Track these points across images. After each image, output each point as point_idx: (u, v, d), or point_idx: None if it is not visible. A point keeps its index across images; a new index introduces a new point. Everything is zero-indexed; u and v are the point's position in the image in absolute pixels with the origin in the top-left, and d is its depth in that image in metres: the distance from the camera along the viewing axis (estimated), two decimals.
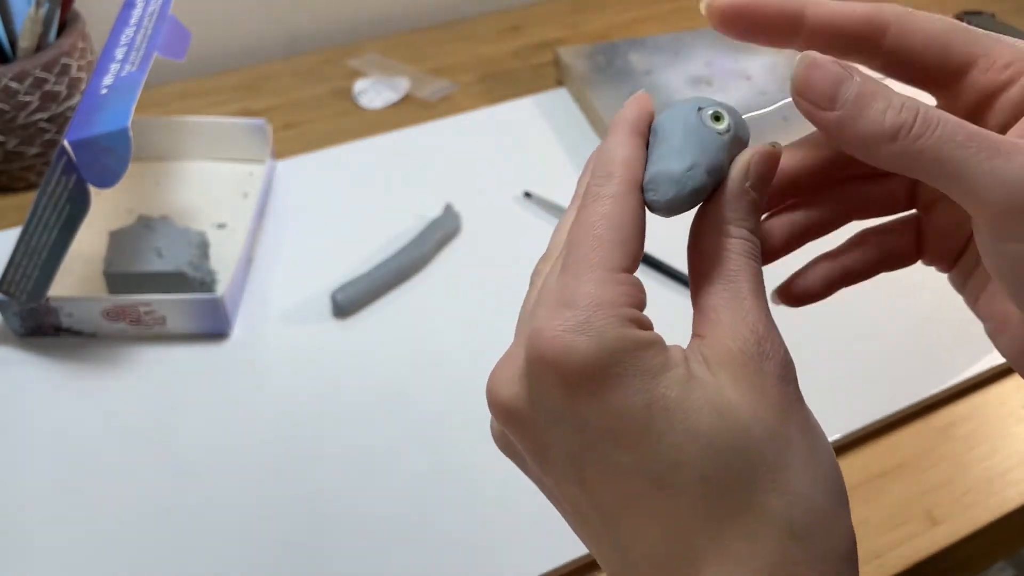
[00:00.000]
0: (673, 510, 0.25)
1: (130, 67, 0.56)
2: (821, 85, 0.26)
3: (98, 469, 0.53)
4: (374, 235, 0.68)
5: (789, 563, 0.25)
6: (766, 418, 0.25)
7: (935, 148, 0.25)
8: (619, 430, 0.25)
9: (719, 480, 0.25)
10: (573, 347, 0.24)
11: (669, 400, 0.25)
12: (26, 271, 0.56)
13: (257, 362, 0.59)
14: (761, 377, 0.26)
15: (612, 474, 0.25)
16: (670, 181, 0.27)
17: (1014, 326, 0.30)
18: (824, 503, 0.26)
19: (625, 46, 0.85)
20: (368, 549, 0.49)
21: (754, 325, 0.26)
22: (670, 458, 0.25)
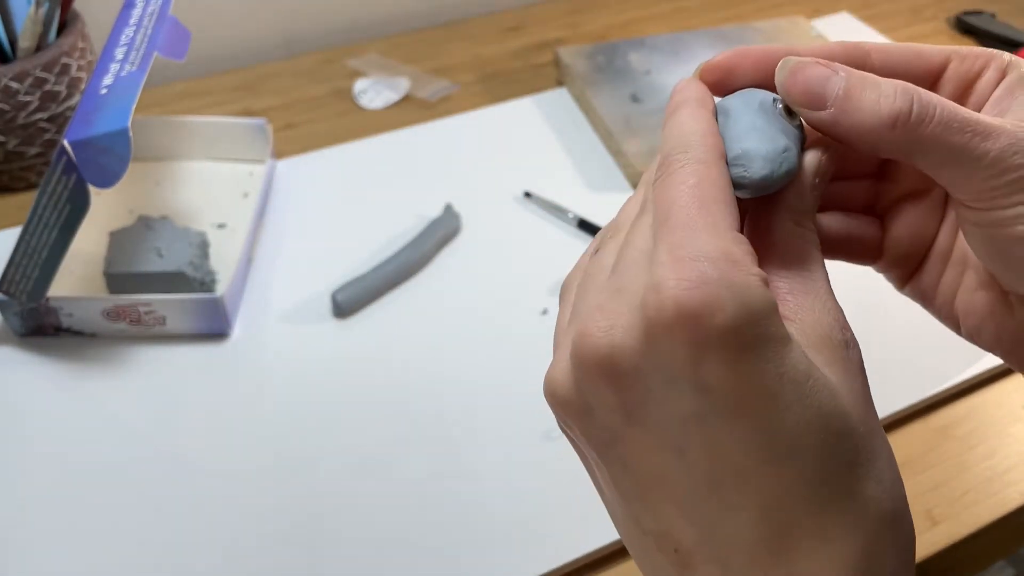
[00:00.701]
0: (782, 489, 0.24)
1: (130, 67, 0.56)
2: (808, 87, 0.27)
3: (98, 469, 0.53)
4: (374, 235, 0.68)
5: (879, 548, 0.24)
6: (858, 405, 0.25)
7: (936, 135, 0.26)
8: (746, 398, 0.23)
9: (832, 462, 0.24)
10: (717, 303, 0.22)
11: (799, 372, 0.23)
12: (26, 271, 0.56)
13: (257, 362, 0.59)
14: (848, 364, 0.25)
15: (724, 444, 0.24)
16: (764, 159, 0.26)
17: (997, 314, 0.31)
18: (902, 493, 0.26)
19: (625, 46, 0.85)
20: (368, 549, 0.49)
21: (837, 315, 0.26)
22: (792, 434, 0.23)
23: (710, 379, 0.23)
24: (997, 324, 0.31)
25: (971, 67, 0.30)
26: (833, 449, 0.24)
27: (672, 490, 0.25)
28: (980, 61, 0.30)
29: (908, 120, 0.26)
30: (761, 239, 0.27)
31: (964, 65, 0.30)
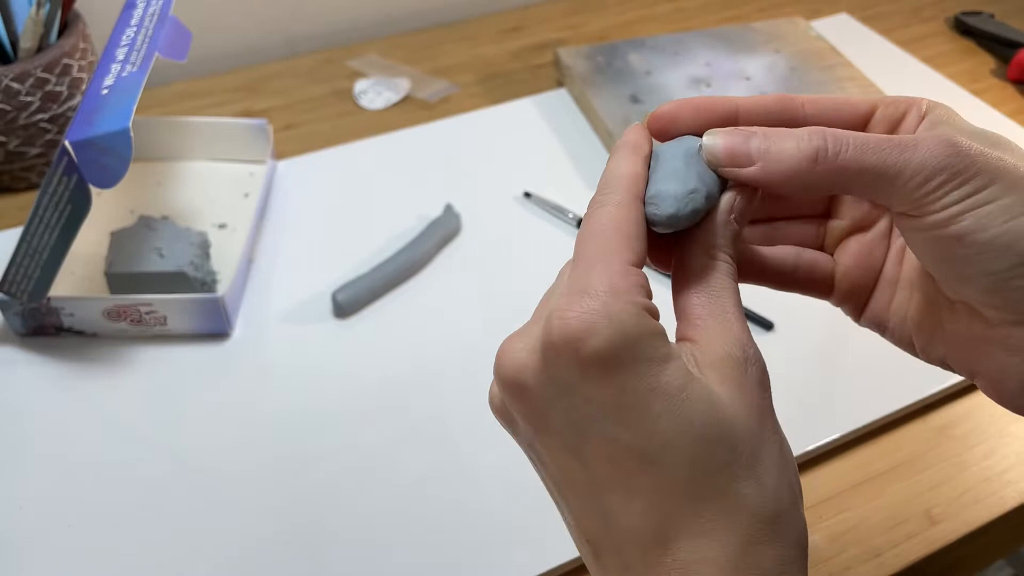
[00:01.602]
0: (659, 487, 0.27)
1: (131, 67, 0.56)
2: (733, 149, 0.31)
3: (98, 468, 0.53)
4: (374, 235, 0.68)
5: (755, 542, 0.28)
6: (747, 417, 0.28)
7: (856, 159, 0.29)
8: (622, 408, 0.27)
9: (704, 464, 0.27)
10: (594, 329, 0.27)
11: (671, 387, 0.27)
12: (27, 271, 0.56)
13: (258, 362, 0.60)
14: (745, 380, 0.29)
15: (609, 448, 0.28)
16: (672, 199, 0.30)
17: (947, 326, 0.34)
18: (786, 496, 0.29)
19: (625, 47, 0.86)
20: (368, 548, 0.49)
21: (739, 335, 0.29)
22: (663, 439, 0.27)
23: (593, 393, 0.27)
24: (947, 337, 0.34)
25: (895, 111, 0.33)
26: (705, 454, 0.27)
27: (577, 487, 0.29)
28: (903, 106, 0.33)
29: (827, 154, 0.29)
30: (682, 268, 0.31)
31: (889, 110, 0.33)
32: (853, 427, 0.54)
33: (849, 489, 0.52)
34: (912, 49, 0.91)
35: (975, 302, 0.31)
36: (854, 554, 0.49)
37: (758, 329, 0.60)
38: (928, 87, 0.85)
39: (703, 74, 0.82)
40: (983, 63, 0.90)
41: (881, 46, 0.91)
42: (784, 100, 0.33)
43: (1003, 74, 0.88)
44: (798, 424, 0.55)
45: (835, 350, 0.59)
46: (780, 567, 0.28)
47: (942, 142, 0.29)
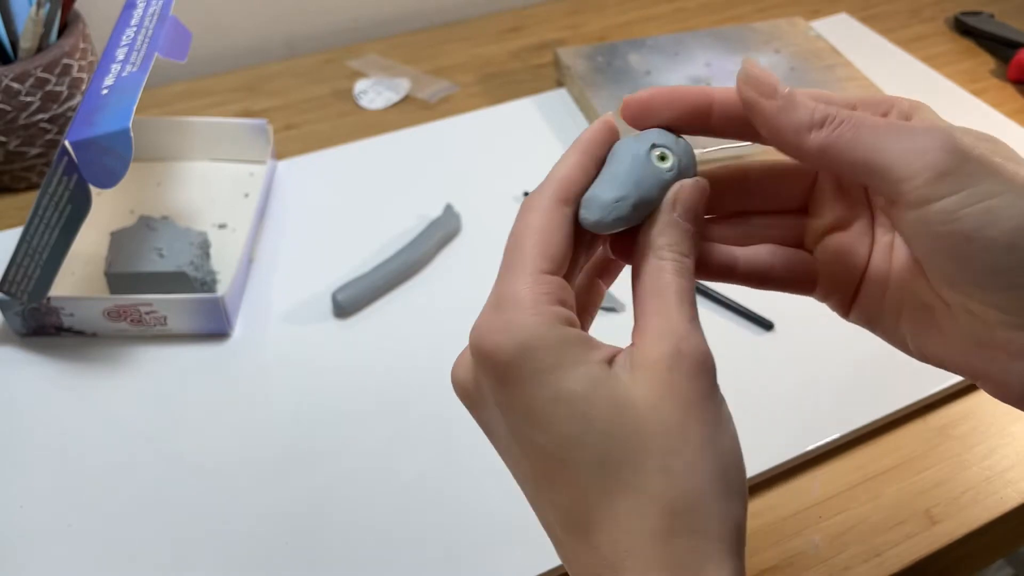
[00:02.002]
0: (576, 484, 0.29)
1: (131, 68, 0.56)
2: (766, 79, 0.31)
3: (99, 468, 0.53)
4: (374, 235, 0.68)
5: (668, 534, 0.28)
6: (665, 413, 0.29)
7: (855, 132, 0.30)
8: (533, 414, 0.29)
9: (612, 462, 0.29)
10: (497, 345, 0.29)
11: (574, 394, 0.29)
12: (27, 271, 0.56)
13: (258, 362, 0.60)
14: (671, 376, 0.29)
15: (532, 450, 0.30)
16: (599, 206, 0.31)
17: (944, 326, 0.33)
18: (709, 488, 0.29)
19: (625, 47, 0.86)
20: (368, 548, 0.49)
21: (676, 329, 0.30)
22: (571, 441, 0.29)
23: (509, 401, 0.30)
24: (944, 339, 0.34)
25: (877, 110, 0.33)
26: (615, 452, 0.29)
27: (521, 481, 0.32)
28: (883, 107, 0.33)
29: (833, 120, 0.30)
30: (634, 272, 0.32)
31: (870, 108, 0.33)
32: (853, 427, 0.54)
33: (849, 489, 0.52)
34: (912, 49, 0.91)
35: (975, 302, 0.31)
36: (854, 554, 0.49)
37: (758, 329, 0.60)
38: (928, 87, 0.85)
39: (703, 74, 0.82)
40: (983, 63, 0.90)
41: (881, 46, 0.91)
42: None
43: (1003, 74, 0.88)
44: (798, 424, 0.55)
45: (835, 350, 0.59)
46: (697, 560, 0.28)
47: (947, 132, 0.29)
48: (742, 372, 0.58)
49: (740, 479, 0.30)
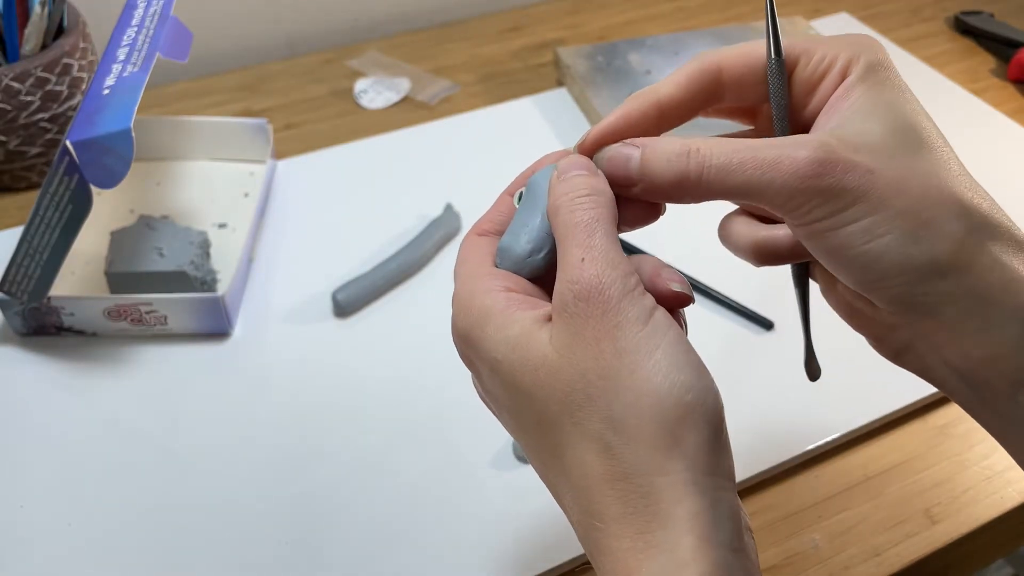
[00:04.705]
0: (530, 439, 0.32)
1: (132, 68, 0.56)
2: (615, 174, 0.33)
3: (99, 468, 0.53)
4: (374, 235, 0.68)
5: (612, 479, 0.29)
6: (575, 359, 0.29)
7: (720, 181, 0.31)
8: (486, 380, 0.33)
9: (546, 421, 0.30)
10: (454, 332, 0.33)
11: (498, 361, 0.31)
12: (28, 271, 0.56)
13: (258, 361, 0.60)
14: (571, 320, 0.30)
15: (503, 414, 0.33)
16: (512, 261, 0.33)
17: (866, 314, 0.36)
18: (641, 423, 0.29)
19: (625, 46, 0.86)
20: (368, 547, 0.49)
21: (569, 273, 0.30)
22: (511, 407, 0.32)
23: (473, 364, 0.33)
24: (835, 296, 0.37)
25: (816, 69, 0.33)
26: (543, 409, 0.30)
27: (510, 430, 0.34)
28: (827, 61, 0.33)
29: (689, 178, 0.31)
30: None
31: (810, 67, 0.34)
32: (854, 426, 0.54)
33: (849, 489, 0.52)
34: (912, 48, 0.91)
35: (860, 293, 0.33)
36: (854, 553, 0.49)
37: (758, 329, 0.60)
38: (928, 87, 0.85)
39: None
40: (983, 63, 0.90)
41: None
42: (703, 72, 0.35)
43: (1003, 74, 0.88)
44: (798, 424, 0.55)
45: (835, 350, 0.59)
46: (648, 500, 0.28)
47: (809, 160, 0.30)
48: (742, 372, 0.58)
49: (687, 399, 0.29)
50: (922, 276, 0.30)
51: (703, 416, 0.29)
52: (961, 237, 0.30)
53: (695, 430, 0.29)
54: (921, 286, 0.31)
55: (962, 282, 0.31)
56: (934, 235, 0.30)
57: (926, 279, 0.30)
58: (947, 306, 0.31)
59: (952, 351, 0.32)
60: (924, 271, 0.30)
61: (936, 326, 0.32)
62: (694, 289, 0.62)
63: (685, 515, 0.28)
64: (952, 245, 0.30)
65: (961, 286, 0.31)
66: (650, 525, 0.28)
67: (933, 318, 0.32)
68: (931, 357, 0.34)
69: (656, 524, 0.28)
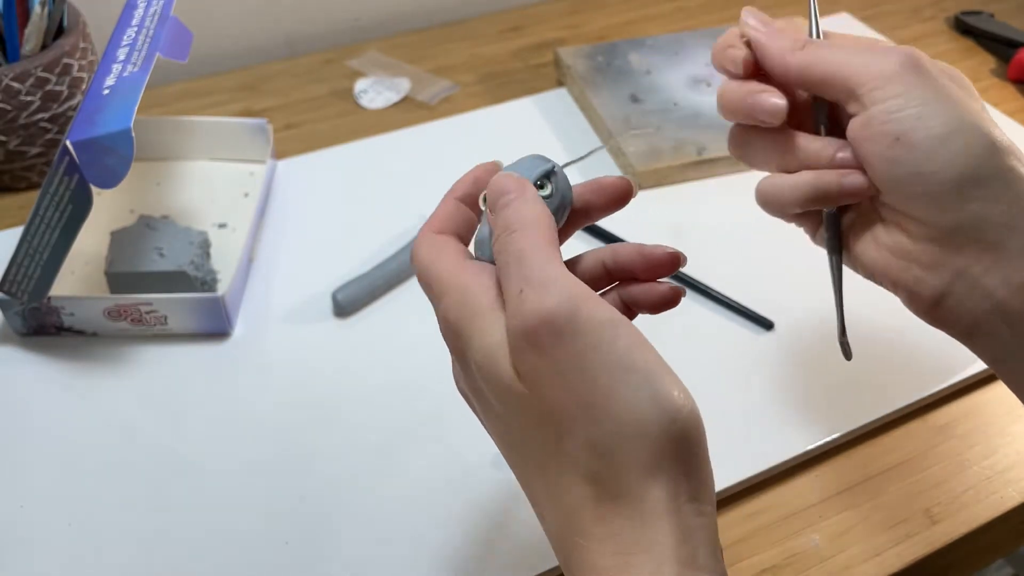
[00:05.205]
0: (516, 457, 0.32)
1: (132, 68, 0.56)
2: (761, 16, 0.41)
3: (99, 468, 0.53)
4: (374, 235, 0.68)
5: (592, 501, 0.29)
6: (545, 395, 0.29)
7: (827, 51, 0.37)
8: (473, 387, 0.34)
9: (528, 445, 0.31)
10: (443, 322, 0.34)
11: (480, 368, 0.31)
12: (28, 271, 0.56)
13: (258, 361, 0.60)
14: (525, 357, 0.30)
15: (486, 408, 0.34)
16: (487, 251, 0.34)
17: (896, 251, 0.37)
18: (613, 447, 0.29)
19: (625, 46, 0.86)
20: (368, 547, 0.49)
21: (511, 309, 0.30)
22: (499, 417, 0.32)
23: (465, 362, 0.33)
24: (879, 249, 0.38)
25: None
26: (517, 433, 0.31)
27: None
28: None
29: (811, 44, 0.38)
30: None
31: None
32: (854, 426, 0.54)
33: (849, 489, 0.52)
34: None
35: (900, 211, 0.36)
36: (854, 553, 0.49)
37: (758, 329, 0.60)
38: None
39: (703, 74, 0.82)
40: (983, 63, 0.90)
41: None
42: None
43: (1003, 74, 0.88)
44: (798, 424, 0.55)
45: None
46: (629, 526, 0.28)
47: (901, 52, 0.35)
48: (742, 372, 0.58)
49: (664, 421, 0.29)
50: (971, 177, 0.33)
51: (685, 443, 0.29)
52: (996, 149, 0.34)
53: (677, 457, 0.29)
54: (970, 191, 0.33)
55: (1004, 193, 0.33)
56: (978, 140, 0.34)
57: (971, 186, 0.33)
58: (990, 221, 0.33)
59: (994, 279, 0.34)
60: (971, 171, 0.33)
61: (978, 252, 0.34)
62: (694, 289, 0.62)
63: (668, 541, 0.28)
64: (988, 154, 0.34)
65: (1004, 197, 0.33)
66: (632, 548, 0.28)
67: (976, 239, 0.34)
68: (970, 297, 0.35)
69: (639, 548, 0.28)
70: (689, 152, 0.73)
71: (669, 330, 0.64)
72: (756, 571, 0.48)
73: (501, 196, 0.34)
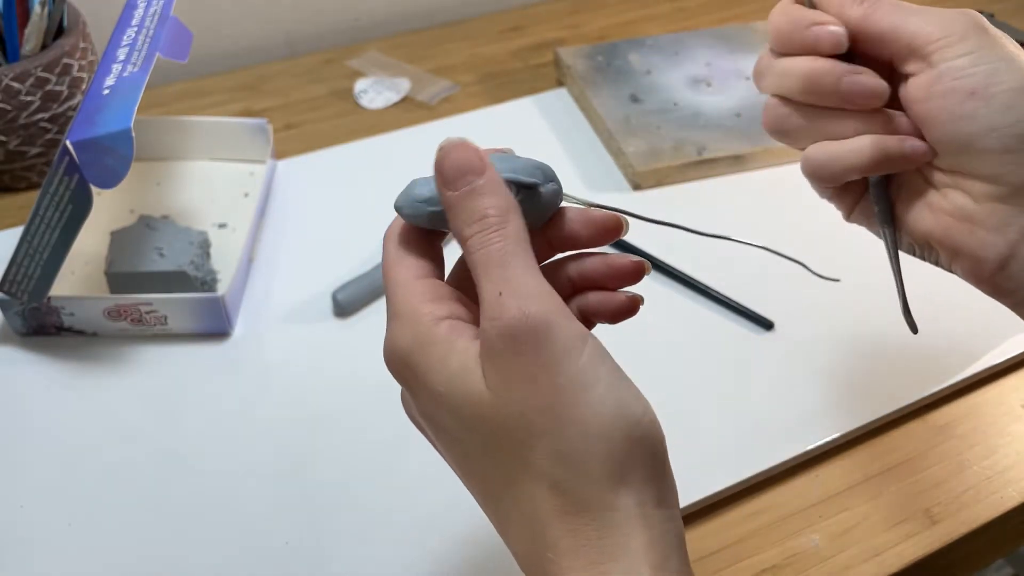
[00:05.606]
0: (478, 476, 0.32)
1: (132, 68, 0.56)
2: None
3: (99, 468, 0.53)
4: (375, 234, 0.68)
5: (561, 513, 0.29)
6: (512, 397, 0.29)
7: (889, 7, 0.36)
8: (428, 416, 0.32)
9: (493, 453, 0.30)
10: (387, 352, 0.33)
11: (440, 394, 0.30)
12: (28, 271, 0.56)
13: (258, 361, 0.60)
14: (498, 360, 0.29)
15: (443, 446, 0.33)
16: (404, 197, 0.36)
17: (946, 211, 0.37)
18: (579, 457, 0.29)
19: (625, 46, 0.86)
20: (368, 547, 0.49)
21: (488, 312, 0.30)
22: (457, 436, 0.31)
23: (415, 406, 0.33)
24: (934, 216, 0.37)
25: None
26: (491, 446, 0.30)
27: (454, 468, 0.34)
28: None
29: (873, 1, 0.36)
30: None
31: None
32: (854, 426, 0.54)
33: (849, 489, 0.52)
34: None
35: (966, 172, 0.35)
36: (854, 553, 0.49)
37: (758, 329, 0.60)
38: None
39: (703, 74, 0.82)
40: None
41: None
42: None
43: None
44: (798, 424, 0.55)
45: (835, 350, 0.59)
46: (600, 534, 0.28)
47: (964, 13, 0.35)
48: (742, 372, 0.58)
49: (631, 431, 0.29)
50: None
51: (649, 449, 0.29)
52: None
53: (642, 464, 0.29)
54: None
55: None
56: None
57: None
58: None
59: None
60: None
61: None
62: (694, 289, 0.62)
63: (638, 547, 0.28)
64: None
65: None
66: (602, 556, 0.28)
67: None
68: None
69: (608, 556, 0.28)
70: (689, 152, 0.73)
71: (669, 330, 0.64)
72: (756, 571, 0.48)
73: (466, 175, 0.31)
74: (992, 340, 0.59)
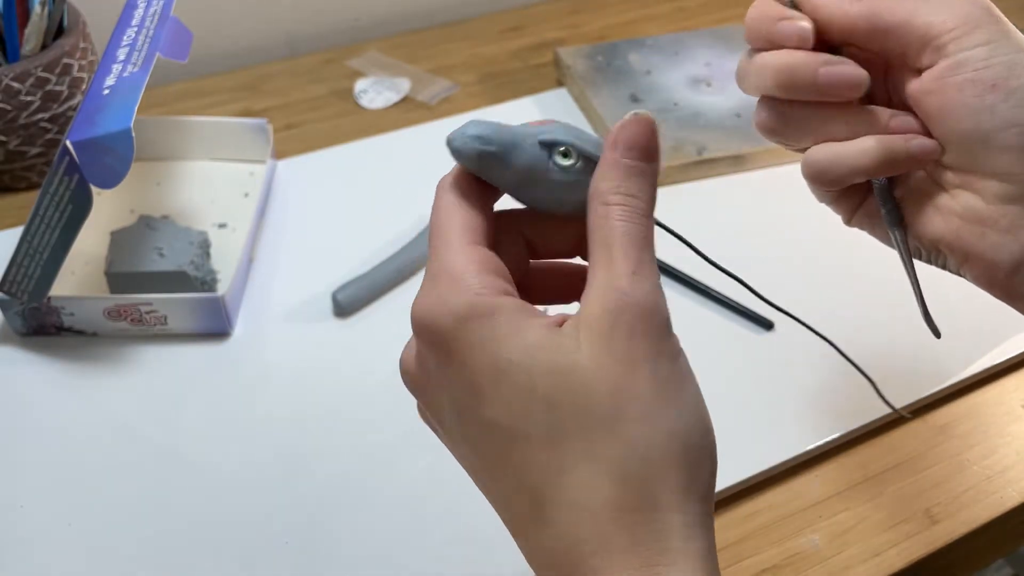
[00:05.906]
0: (528, 461, 0.28)
1: (132, 68, 0.56)
2: None
3: (99, 468, 0.53)
4: (375, 234, 0.68)
5: (621, 507, 0.27)
6: (609, 375, 0.28)
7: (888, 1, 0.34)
8: (477, 388, 0.29)
9: (559, 432, 0.28)
10: (435, 319, 0.29)
11: (512, 364, 0.28)
12: (28, 271, 0.56)
13: (258, 361, 0.60)
14: (613, 333, 0.28)
15: (481, 430, 0.29)
16: (459, 132, 0.35)
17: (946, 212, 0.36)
18: (662, 457, 0.28)
19: (625, 46, 0.86)
20: (368, 547, 0.49)
21: (617, 283, 0.29)
22: (517, 413, 0.28)
23: (452, 373, 0.29)
24: (943, 219, 0.36)
25: None
26: (561, 422, 0.28)
27: (474, 473, 0.32)
28: None
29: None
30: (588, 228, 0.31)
31: None
32: (854, 426, 0.54)
33: (849, 489, 0.52)
34: None
35: (978, 171, 0.33)
36: (854, 553, 0.49)
37: (758, 329, 0.60)
38: None
39: (703, 74, 0.82)
40: None
41: None
42: None
43: None
44: (798, 424, 0.55)
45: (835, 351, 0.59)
46: (655, 535, 0.27)
47: (979, 1, 0.33)
48: (742, 372, 0.58)
49: (703, 441, 0.29)
50: None
51: (712, 463, 0.29)
52: None
53: (707, 472, 0.29)
54: None
55: None
56: None
57: None
58: None
59: None
60: None
61: None
62: (694, 289, 0.62)
63: (696, 554, 0.27)
64: None
65: None
66: (658, 559, 0.27)
67: None
68: None
69: (665, 559, 0.27)
70: (689, 152, 0.73)
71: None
72: (756, 571, 0.48)
73: (643, 151, 0.31)
74: (992, 340, 0.59)
